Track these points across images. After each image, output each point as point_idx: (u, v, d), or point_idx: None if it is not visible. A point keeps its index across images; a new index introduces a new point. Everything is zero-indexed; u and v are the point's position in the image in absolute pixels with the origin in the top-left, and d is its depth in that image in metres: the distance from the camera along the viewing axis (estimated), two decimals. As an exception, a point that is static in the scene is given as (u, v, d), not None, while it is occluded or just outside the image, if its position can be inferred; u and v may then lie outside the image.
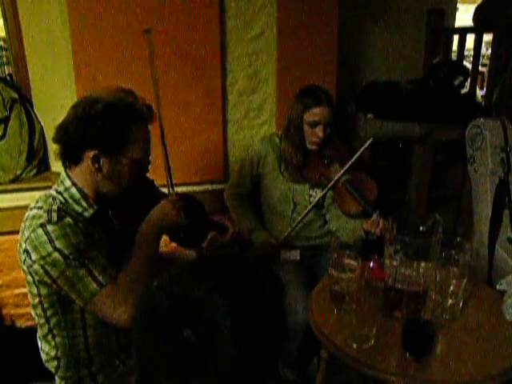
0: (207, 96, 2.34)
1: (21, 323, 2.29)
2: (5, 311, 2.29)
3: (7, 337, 2.03)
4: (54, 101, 2.24)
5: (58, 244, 1.19)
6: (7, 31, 2.21)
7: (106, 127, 1.23)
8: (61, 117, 1.28)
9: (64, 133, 1.25)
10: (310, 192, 2.12)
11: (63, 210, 1.25)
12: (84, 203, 1.30)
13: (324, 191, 2.04)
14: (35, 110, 2.31)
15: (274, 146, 2.12)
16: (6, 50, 2.29)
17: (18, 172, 2.26)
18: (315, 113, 1.98)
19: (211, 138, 2.41)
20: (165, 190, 1.58)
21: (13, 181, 2.25)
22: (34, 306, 1.33)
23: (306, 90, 2.05)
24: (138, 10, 2.13)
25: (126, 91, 1.32)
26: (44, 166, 2.38)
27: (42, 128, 2.32)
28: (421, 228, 1.43)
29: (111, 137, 1.24)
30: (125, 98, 1.28)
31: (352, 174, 2.00)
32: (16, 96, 2.24)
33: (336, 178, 1.98)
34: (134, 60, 2.15)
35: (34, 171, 2.31)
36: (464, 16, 5.11)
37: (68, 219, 1.23)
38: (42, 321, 1.33)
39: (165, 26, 2.18)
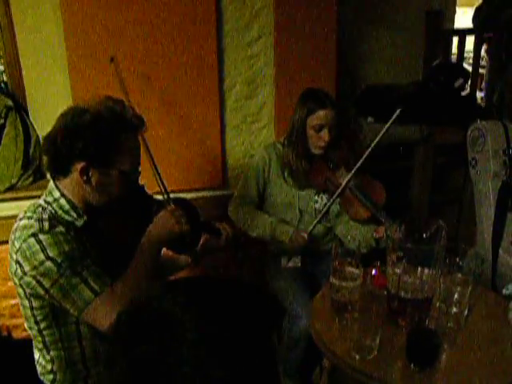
0: (204, 101, 2.31)
1: (17, 334, 2.25)
2: (1, 322, 2.26)
3: (3, 348, 2.00)
4: (50, 109, 2.21)
5: (50, 252, 1.16)
6: (1, 39, 2.17)
7: (95, 138, 1.20)
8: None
9: (51, 144, 1.22)
10: (316, 198, 2.06)
11: (54, 219, 1.23)
12: (74, 214, 1.28)
13: (332, 199, 1.96)
14: (30, 118, 2.28)
15: (278, 153, 2.06)
16: (1, 57, 2.26)
17: (14, 181, 2.22)
18: (320, 116, 1.92)
19: (209, 144, 2.38)
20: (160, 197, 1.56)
21: (8, 189, 2.22)
22: (27, 319, 1.30)
23: (307, 93, 1.99)
24: (134, 15, 2.11)
25: (115, 100, 1.29)
26: (40, 174, 2.34)
27: (37, 136, 2.29)
28: (424, 234, 1.40)
29: (100, 148, 1.21)
30: (113, 107, 1.25)
31: (358, 178, 1.93)
32: (11, 104, 2.20)
33: (345, 183, 1.90)
34: (129, 66, 2.12)
35: (30, 180, 2.28)
36: (461, 19, 5.09)
37: (60, 228, 1.21)
38: (36, 334, 1.30)
39: (161, 31, 2.16)
